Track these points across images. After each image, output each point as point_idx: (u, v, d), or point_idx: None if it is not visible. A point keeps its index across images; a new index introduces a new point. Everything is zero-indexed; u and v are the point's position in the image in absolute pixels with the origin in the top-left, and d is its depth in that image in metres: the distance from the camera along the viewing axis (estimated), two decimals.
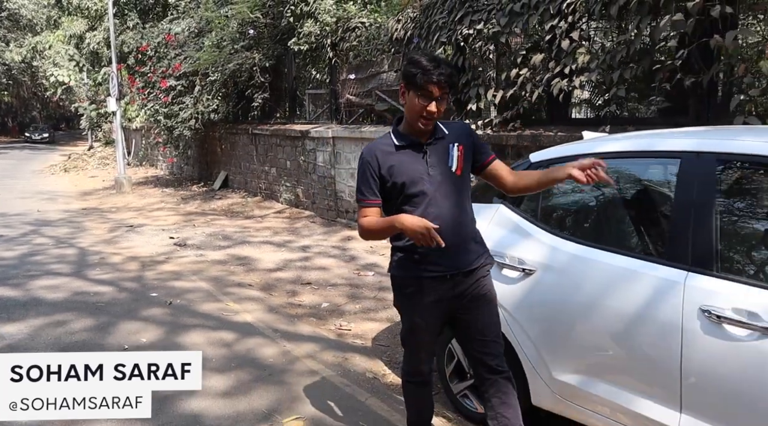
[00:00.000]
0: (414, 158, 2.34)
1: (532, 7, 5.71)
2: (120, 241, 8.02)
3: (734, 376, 2.13)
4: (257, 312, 4.93)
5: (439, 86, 2.23)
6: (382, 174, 2.34)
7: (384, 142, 2.40)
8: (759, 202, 2.31)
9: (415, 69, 2.25)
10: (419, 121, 2.28)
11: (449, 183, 2.35)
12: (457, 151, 2.37)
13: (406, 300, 2.45)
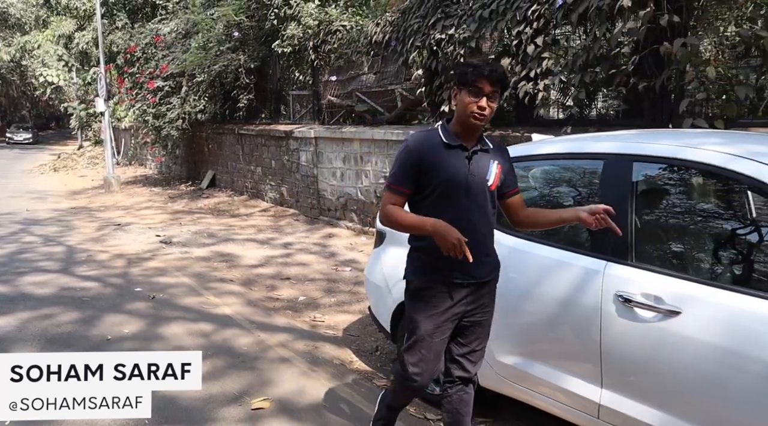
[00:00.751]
0: (458, 161, 2.34)
1: (500, 14, 5.99)
2: (107, 239, 8.24)
3: (643, 354, 2.40)
4: (236, 305, 5.18)
5: (489, 81, 2.24)
6: (424, 166, 2.32)
7: (432, 136, 2.39)
8: (667, 198, 2.58)
9: (466, 68, 2.31)
10: (470, 118, 2.28)
11: (482, 194, 2.37)
12: (496, 168, 2.40)
13: (421, 305, 2.41)
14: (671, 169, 2.54)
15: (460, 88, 2.33)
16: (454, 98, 2.37)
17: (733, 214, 2.44)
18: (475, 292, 2.40)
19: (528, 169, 3.10)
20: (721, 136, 2.96)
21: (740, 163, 2.27)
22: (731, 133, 3.59)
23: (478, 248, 2.32)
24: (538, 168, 3.15)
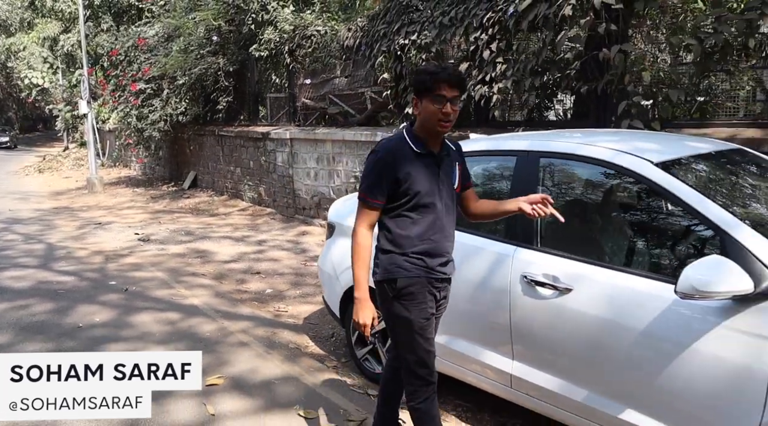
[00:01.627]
0: (430, 169, 2.39)
1: (459, 21, 6.33)
2: (87, 237, 8.48)
3: (544, 327, 2.72)
4: (205, 297, 5.46)
5: (449, 85, 2.27)
6: (398, 177, 2.34)
7: (401, 145, 2.39)
8: (566, 189, 2.91)
9: (424, 76, 2.33)
10: (438, 125, 2.31)
11: (450, 198, 2.47)
12: (458, 169, 2.51)
13: (409, 300, 2.43)
14: (570, 163, 2.87)
15: (420, 96, 2.34)
16: (414, 107, 2.39)
17: (618, 203, 2.76)
18: (446, 287, 2.54)
19: None
20: (619, 135, 3.30)
21: (623, 157, 2.60)
22: (631, 132, 3.91)
23: (447, 247, 2.47)
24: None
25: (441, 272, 2.46)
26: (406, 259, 2.42)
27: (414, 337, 2.46)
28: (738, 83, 5.39)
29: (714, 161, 2.81)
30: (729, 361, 2.14)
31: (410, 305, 2.44)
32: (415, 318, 2.44)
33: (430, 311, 2.47)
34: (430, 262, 2.42)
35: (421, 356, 2.48)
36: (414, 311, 2.44)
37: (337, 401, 3.35)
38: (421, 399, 2.49)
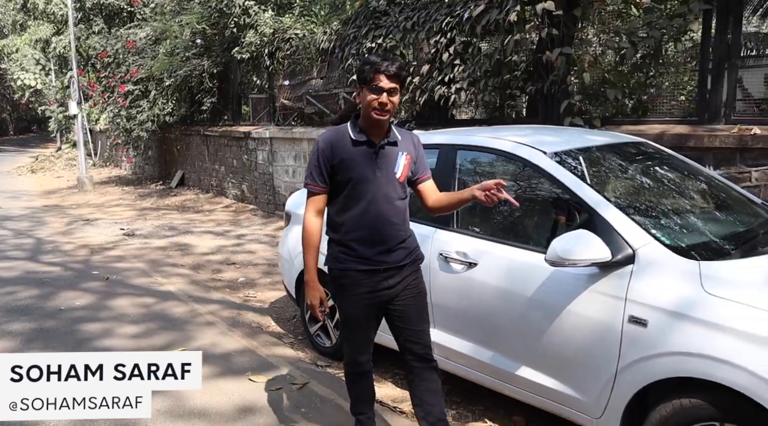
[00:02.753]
0: (366, 156, 2.44)
1: (420, 25, 6.73)
2: (75, 232, 8.85)
3: (456, 298, 3.12)
4: (180, 284, 5.85)
5: (387, 77, 2.33)
6: (333, 164, 2.43)
7: (341, 134, 2.48)
8: (478, 177, 3.32)
9: (365, 66, 2.40)
10: (373, 113, 2.37)
11: (391, 187, 2.49)
12: (404, 160, 2.52)
13: (342, 292, 2.55)
14: (481, 154, 3.28)
15: (361, 85, 2.42)
16: (357, 95, 2.48)
17: (519, 188, 3.17)
18: (393, 276, 2.52)
19: None
20: (529, 130, 3.71)
21: (521, 148, 3.01)
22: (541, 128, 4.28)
23: (391, 238, 2.49)
24: None
25: (381, 261, 2.48)
26: (342, 249, 2.51)
27: (345, 327, 2.67)
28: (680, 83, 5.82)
29: (605, 152, 3.22)
30: (593, 318, 2.54)
31: (343, 296, 2.57)
32: (345, 307, 2.59)
33: (365, 303, 2.52)
34: (365, 251, 2.47)
35: (350, 340, 2.68)
36: (345, 302, 2.57)
37: (285, 369, 3.75)
38: (350, 370, 2.76)
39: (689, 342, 2.23)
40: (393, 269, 2.52)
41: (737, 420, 2.14)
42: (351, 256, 2.49)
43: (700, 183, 3.30)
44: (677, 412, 2.27)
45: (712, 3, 5.01)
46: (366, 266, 2.48)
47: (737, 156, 4.87)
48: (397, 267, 2.53)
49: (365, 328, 2.63)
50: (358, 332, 2.64)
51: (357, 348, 2.68)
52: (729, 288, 2.24)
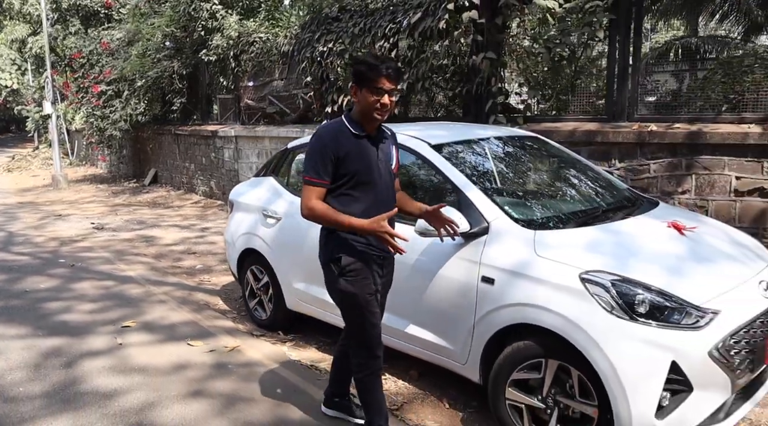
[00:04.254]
0: (368, 149, 2.54)
1: (367, 30, 7.27)
2: (47, 226, 9.27)
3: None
4: (141, 270, 6.33)
5: (388, 79, 2.41)
6: (338, 156, 2.47)
7: (341, 128, 2.53)
8: None
9: (364, 67, 2.44)
10: (375, 113, 2.46)
11: (389, 178, 2.64)
12: (395, 152, 2.71)
13: (355, 278, 2.57)
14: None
15: (360, 85, 2.46)
16: (353, 94, 2.52)
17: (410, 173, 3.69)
18: (388, 264, 2.72)
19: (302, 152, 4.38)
20: (429, 126, 4.26)
21: (411, 141, 3.55)
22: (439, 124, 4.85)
23: (392, 224, 2.55)
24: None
25: (383, 249, 2.57)
26: (352, 238, 2.56)
27: (360, 312, 2.62)
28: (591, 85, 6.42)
29: (486, 143, 3.75)
30: (458, 280, 3.08)
31: (355, 281, 2.58)
32: (360, 293, 2.59)
33: (374, 287, 2.62)
34: (372, 239, 2.56)
35: (368, 330, 2.65)
36: (358, 287, 2.58)
37: (222, 336, 4.27)
38: (367, 372, 2.69)
39: (522, 295, 2.78)
40: (388, 259, 2.72)
41: (556, 355, 2.69)
42: (362, 244, 2.57)
43: (571, 170, 3.86)
44: (515, 352, 2.82)
45: (616, 14, 5.60)
46: (375, 253, 2.60)
47: (638, 150, 5.48)
48: (391, 257, 2.72)
49: (377, 315, 2.67)
50: (372, 320, 2.64)
51: (374, 338, 2.68)
52: (553, 251, 2.80)
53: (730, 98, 5.72)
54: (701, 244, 3.00)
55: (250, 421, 3.03)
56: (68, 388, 3.41)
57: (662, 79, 6.32)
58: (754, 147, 4.98)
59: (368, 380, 2.72)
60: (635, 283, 2.57)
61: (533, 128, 5.92)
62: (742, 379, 2.60)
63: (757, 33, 15.30)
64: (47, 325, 4.47)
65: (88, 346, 4.04)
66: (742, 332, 2.58)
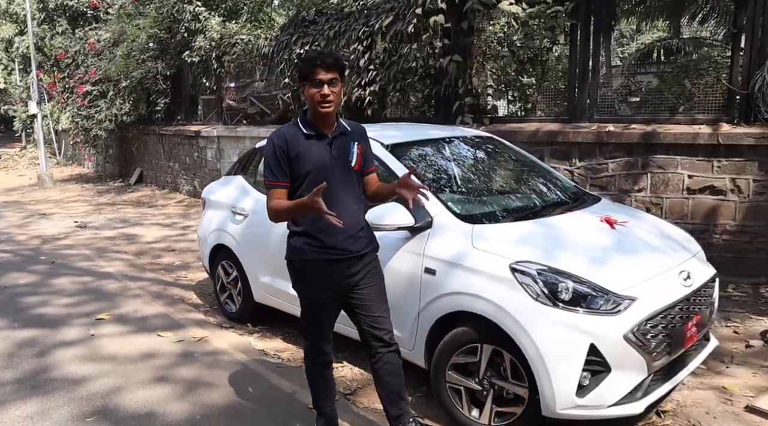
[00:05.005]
0: (320, 148, 2.52)
1: (342, 34, 7.48)
2: (30, 225, 9.41)
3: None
4: (119, 266, 6.50)
5: (324, 69, 2.40)
6: (290, 158, 2.48)
7: (292, 130, 2.55)
8: None
9: (303, 63, 2.49)
10: (318, 106, 2.44)
11: (347, 176, 2.59)
12: (356, 149, 2.62)
13: (306, 282, 2.61)
14: None
15: (303, 82, 2.49)
16: (302, 93, 2.53)
17: None
18: (354, 264, 2.62)
19: None
20: (386, 127, 4.48)
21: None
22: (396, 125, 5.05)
23: (352, 225, 2.56)
24: None
25: (343, 250, 2.56)
26: (306, 240, 2.57)
27: (308, 317, 2.69)
28: (552, 87, 6.65)
29: (439, 143, 3.95)
30: (406, 271, 3.28)
31: (307, 286, 2.63)
32: (310, 298, 2.64)
33: (329, 292, 2.61)
34: (328, 240, 2.53)
35: (316, 337, 2.72)
36: (310, 293, 2.63)
37: (192, 328, 4.46)
38: (314, 361, 2.79)
39: (459, 284, 2.99)
40: (355, 258, 2.62)
41: (490, 340, 2.90)
42: (316, 247, 2.55)
43: (521, 168, 4.09)
44: (454, 338, 3.03)
45: (577, 18, 5.84)
46: (331, 256, 2.55)
47: (597, 150, 5.72)
48: (359, 255, 2.63)
49: (329, 317, 2.70)
50: (322, 322, 2.69)
51: (322, 337, 2.73)
52: (488, 243, 3.01)
53: (684, 100, 5.97)
54: (629, 237, 3.23)
55: (209, 404, 3.23)
56: (39, 375, 3.60)
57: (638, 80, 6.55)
58: (704, 147, 5.24)
59: (315, 371, 2.81)
60: (559, 272, 2.78)
61: (498, 129, 6.17)
62: (659, 361, 2.82)
63: None
64: (23, 318, 4.65)
65: (62, 337, 4.23)
66: (659, 318, 2.81)
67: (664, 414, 3.16)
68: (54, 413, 3.13)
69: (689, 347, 3.07)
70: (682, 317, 2.93)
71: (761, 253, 5.16)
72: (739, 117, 5.27)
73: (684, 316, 2.94)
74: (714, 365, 3.72)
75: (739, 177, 5.14)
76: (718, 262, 5.30)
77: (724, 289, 5.04)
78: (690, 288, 3.01)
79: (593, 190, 5.74)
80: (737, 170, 5.14)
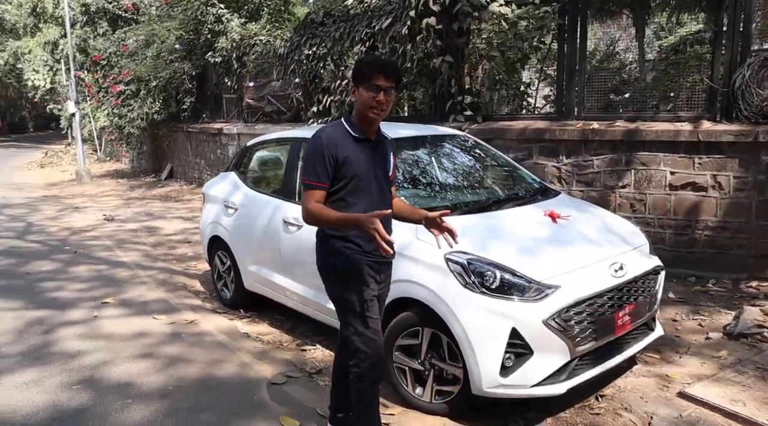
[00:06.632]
0: (367, 153, 2.49)
1: (346, 35, 7.79)
2: (62, 218, 10.06)
3: (291, 250, 4.16)
4: (135, 256, 6.98)
5: (385, 76, 2.38)
6: (339, 159, 2.40)
7: (339, 130, 2.49)
8: None
9: (362, 65, 2.44)
10: (370, 112, 2.41)
11: (385, 183, 2.59)
12: (392, 158, 2.66)
13: (351, 285, 2.53)
14: None
15: (357, 84, 2.44)
16: (352, 94, 2.52)
17: None
18: (386, 270, 2.68)
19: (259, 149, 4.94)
20: None
21: None
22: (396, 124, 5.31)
23: (389, 232, 2.54)
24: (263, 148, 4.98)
25: (378, 255, 2.51)
26: (346, 245, 2.52)
27: (356, 320, 2.56)
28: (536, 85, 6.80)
29: (404, 141, 4.21)
30: None
31: (355, 289, 2.54)
32: (359, 301, 2.54)
33: (372, 294, 2.57)
34: (367, 245, 2.50)
35: (373, 342, 2.56)
36: (358, 294, 2.54)
37: (186, 312, 4.85)
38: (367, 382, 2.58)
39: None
40: (386, 264, 2.67)
41: (429, 324, 3.17)
42: (356, 251, 2.53)
43: (487, 165, 4.32)
44: (400, 322, 3.30)
45: (564, 19, 6.00)
46: (370, 259, 2.55)
47: (582, 147, 5.88)
48: (388, 262, 2.69)
49: (377, 317, 2.61)
50: (373, 323, 2.57)
51: (377, 342, 2.59)
52: (429, 235, 3.26)
53: (672, 97, 6.05)
54: (567, 230, 3.43)
55: (183, 377, 3.60)
56: (41, 349, 4.05)
57: None
58: (685, 144, 5.35)
59: (371, 387, 2.60)
60: (487, 261, 3.03)
61: (490, 126, 6.39)
62: (583, 347, 3.03)
63: None
64: (38, 301, 5.14)
65: (68, 318, 4.69)
66: (584, 306, 3.02)
67: (601, 398, 3.36)
68: (47, 381, 3.55)
69: (622, 335, 3.26)
70: (611, 306, 3.13)
71: (742, 249, 5.25)
72: (721, 114, 5.36)
73: (614, 305, 3.14)
74: (668, 355, 3.88)
75: (719, 174, 5.23)
76: (700, 257, 5.45)
77: (704, 284, 5.17)
78: (621, 279, 3.20)
79: (579, 186, 5.92)
80: (718, 167, 5.23)
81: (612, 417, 3.17)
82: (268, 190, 4.67)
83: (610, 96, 6.14)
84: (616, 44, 7.88)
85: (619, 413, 3.19)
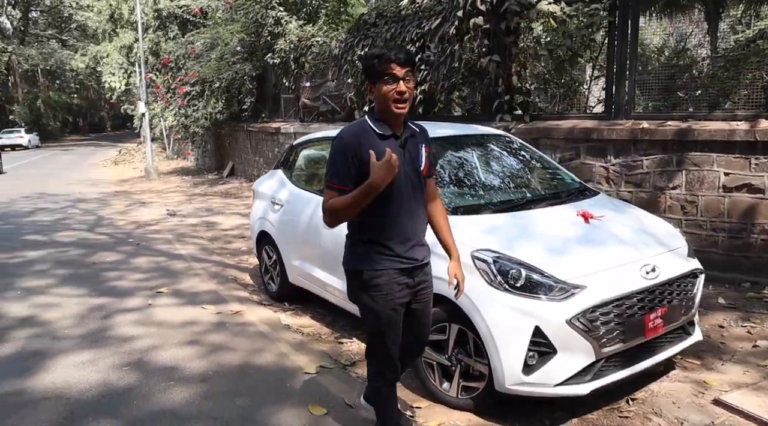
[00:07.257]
0: (394, 150, 2.29)
1: (398, 35, 7.89)
2: (130, 212, 10.66)
3: (334, 247, 4.30)
4: (191, 249, 7.34)
5: (399, 64, 2.26)
6: (363, 159, 2.28)
7: (363, 128, 2.37)
8: None
9: (371, 60, 2.33)
10: (393, 105, 2.29)
11: (416, 180, 2.45)
12: (425, 152, 2.49)
13: (375, 292, 2.44)
14: None
15: (373, 80, 2.33)
16: (370, 93, 2.39)
17: None
18: (418, 274, 2.54)
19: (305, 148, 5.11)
20: None
21: None
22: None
23: (419, 232, 2.49)
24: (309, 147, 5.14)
25: (412, 259, 2.46)
26: (377, 249, 2.42)
27: (380, 329, 2.50)
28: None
29: (441, 142, 4.26)
30: None
31: (377, 297, 2.45)
32: (381, 309, 2.45)
33: (398, 302, 2.47)
34: (399, 248, 2.43)
35: (387, 345, 2.53)
36: (380, 303, 2.45)
37: (233, 303, 5.09)
38: (382, 383, 2.64)
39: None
40: (420, 267, 2.55)
41: (456, 320, 3.21)
42: (387, 256, 2.43)
43: (526, 165, 4.31)
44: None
45: (615, 16, 5.88)
46: (401, 265, 2.45)
47: (631, 147, 5.76)
48: (423, 264, 2.57)
49: (398, 327, 2.54)
50: (392, 333, 2.53)
51: (392, 350, 2.57)
52: (459, 232, 3.26)
53: (729, 95, 5.81)
54: (599, 230, 3.40)
55: (223, 363, 3.80)
56: (99, 333, 4.36)
57: None
58: (741, 144, 5.15)
59: (386, 389, 2.65)
60: (513, 260, 3.06)
61: (537, 126, 6.34)
62: (609, 348, 3.00)
63: None
64: (100, 289, 5.52)
65: (125, 305, 5.02)
66: (611, 307, 2.99)
67: (633, 401, 3.32)
68: (100, 362, 3.83)
69: (653, 338, 3.21)
70: (641, 308, 3.09)
71: None
72: None
73: (644, 307, 3.10)
74: (709, 361, 3.78)
75: None
76: (756, 262, 5.24)
77: (759, 290, 4.97)
78: (653, 281, 3.15)
79: (628, 187, 5.79)
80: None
81: (641, 421, 3.12)
82: (311, 187, 4.83)
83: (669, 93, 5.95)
84: (687, 40, 7.61)
85: (648, 417, 3.15)
